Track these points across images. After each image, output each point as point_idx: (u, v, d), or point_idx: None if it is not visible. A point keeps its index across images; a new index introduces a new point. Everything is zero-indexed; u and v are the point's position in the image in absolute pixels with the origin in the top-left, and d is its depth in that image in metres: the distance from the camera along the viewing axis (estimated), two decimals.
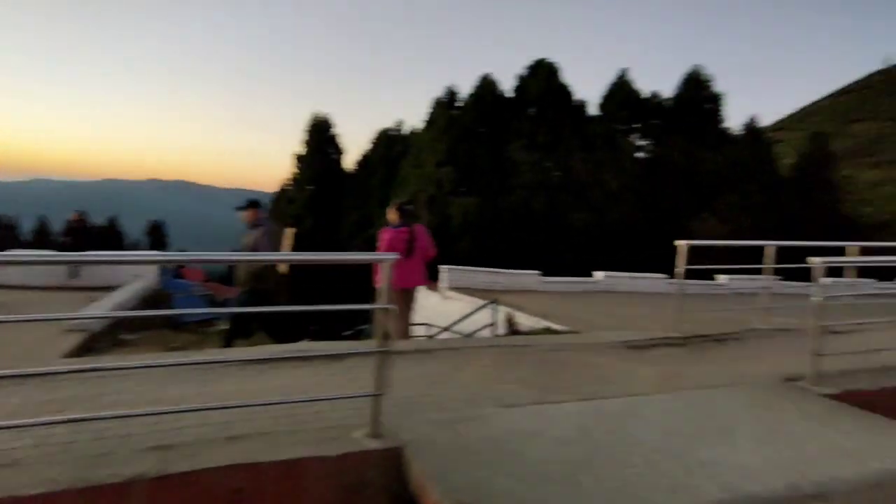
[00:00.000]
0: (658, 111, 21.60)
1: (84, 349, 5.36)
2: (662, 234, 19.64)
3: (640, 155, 21.45)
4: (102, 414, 2.16)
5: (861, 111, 47.21)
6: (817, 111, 52.56)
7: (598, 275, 11.43)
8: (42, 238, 43.41)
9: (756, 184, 20.02)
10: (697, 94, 21.55)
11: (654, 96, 22.01)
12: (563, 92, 20.85)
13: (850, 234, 23.93)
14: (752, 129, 22.14)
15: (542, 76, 20.70)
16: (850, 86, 54.22)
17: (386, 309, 2.17)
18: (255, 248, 5.46)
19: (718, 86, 21.70)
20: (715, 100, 21.52)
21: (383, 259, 2.20)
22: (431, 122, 21.37)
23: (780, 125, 50.26)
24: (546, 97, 20.18)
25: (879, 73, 51.23)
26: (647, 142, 21.64)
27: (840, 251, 5.32)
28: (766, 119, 24.96)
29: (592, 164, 18.84)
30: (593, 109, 21.73)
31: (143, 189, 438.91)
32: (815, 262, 3.10)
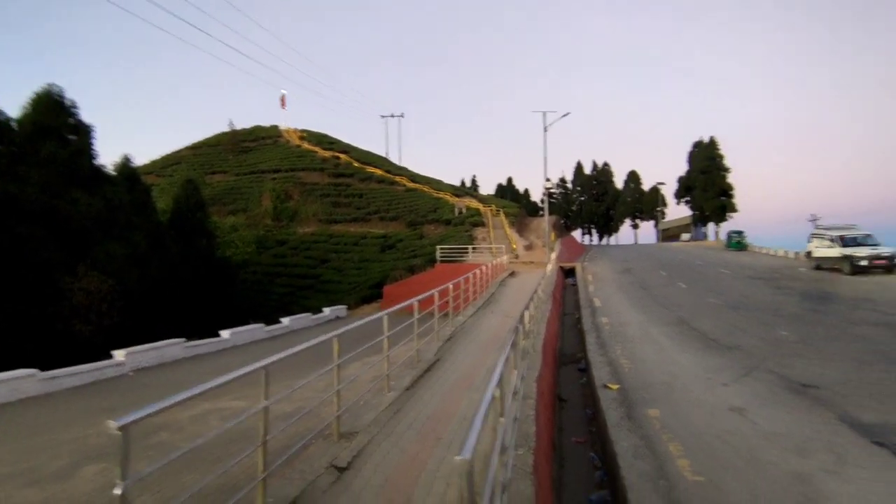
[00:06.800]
0: (1, 133, 16.30)
1: None
2: (30, 296, 14.73)
3: None
4: None
5: (214, 165, 54.58)
6: (179, 160, 56.82)
7: None
8: None
9: (139, 231, 18.56)
10: (58, 120, 17.78)
11: None
12: None
13: (224, 275, 26.52)
14: (128, 169, 20.50)
15: None
16: (204, 141, 61.85)
17: None
18: None
19: (84, 116, 18.72)
20: (83, 131, 18.35)
21: None
22: None
23: (149, 170, 50.88)
24: None
25: (226, 134, 60.97)
26: None
27: None
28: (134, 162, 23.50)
29: None
30: None
31: None
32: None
